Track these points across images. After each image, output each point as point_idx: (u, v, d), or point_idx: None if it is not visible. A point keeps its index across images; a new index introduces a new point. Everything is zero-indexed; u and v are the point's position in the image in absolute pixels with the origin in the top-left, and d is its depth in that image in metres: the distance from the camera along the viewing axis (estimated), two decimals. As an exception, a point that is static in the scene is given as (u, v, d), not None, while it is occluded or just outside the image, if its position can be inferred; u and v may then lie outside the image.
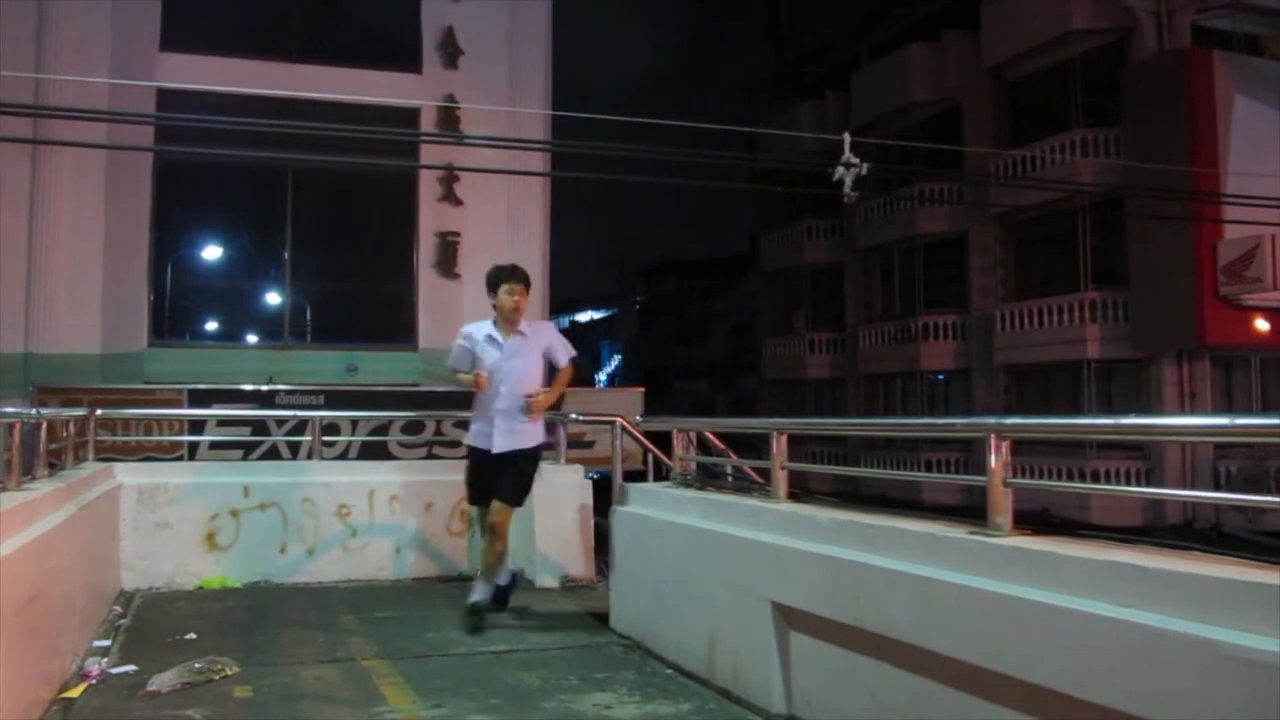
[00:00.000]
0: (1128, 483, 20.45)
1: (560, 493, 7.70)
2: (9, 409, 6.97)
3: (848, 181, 10.11)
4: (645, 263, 55.54)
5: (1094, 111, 22.47)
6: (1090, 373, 22.21)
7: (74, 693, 4.77)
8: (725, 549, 4.87)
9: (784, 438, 5.03)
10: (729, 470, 6.20)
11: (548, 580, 7.60)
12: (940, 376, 26.85)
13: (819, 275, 31.44)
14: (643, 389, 16.17)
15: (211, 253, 16.74)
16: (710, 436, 6.66)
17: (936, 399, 26.97)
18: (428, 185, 16.17)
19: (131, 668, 5.20)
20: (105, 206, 14.93)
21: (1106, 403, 22.13)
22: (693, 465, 6.01)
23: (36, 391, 12.51)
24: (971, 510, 4.24)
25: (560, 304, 45.54)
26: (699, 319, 47.42)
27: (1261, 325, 19.93)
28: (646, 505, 6.01)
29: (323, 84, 14.56)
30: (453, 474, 7.40)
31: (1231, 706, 2.42)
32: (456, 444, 11.73)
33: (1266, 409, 21.19)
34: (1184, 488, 20.46)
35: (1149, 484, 20.76)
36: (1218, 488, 19.88)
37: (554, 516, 7.68)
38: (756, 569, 4.60)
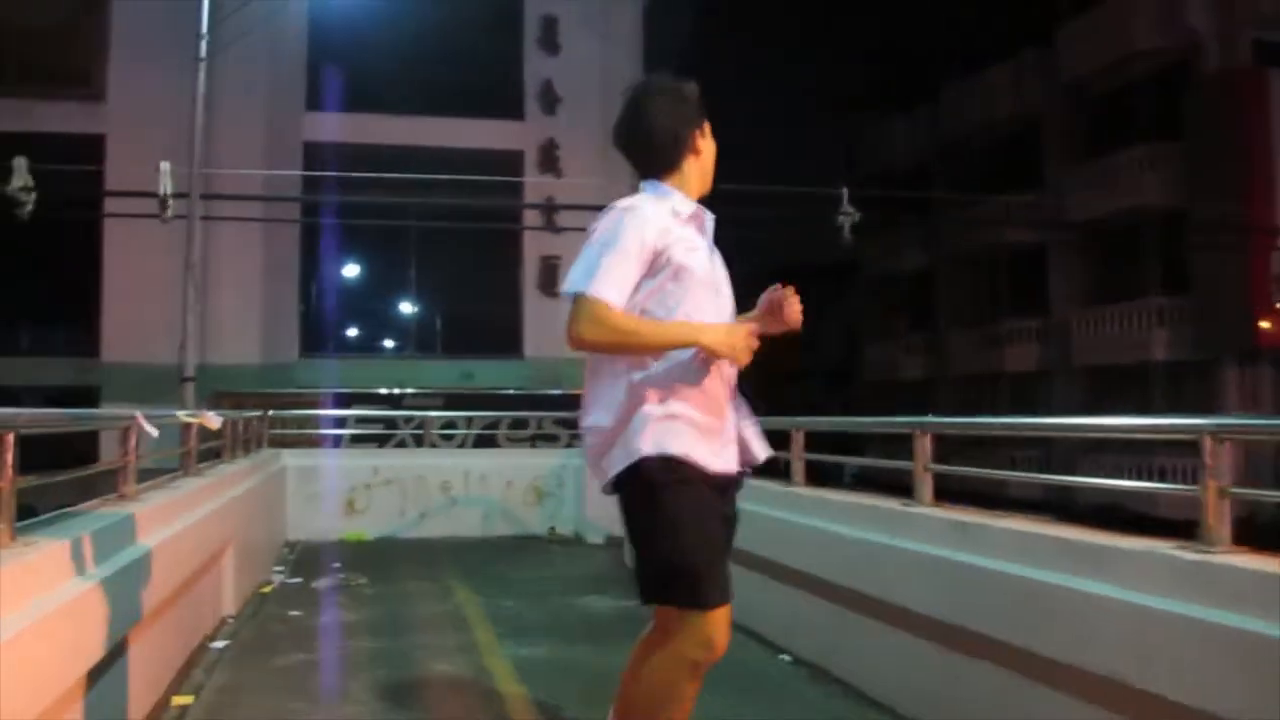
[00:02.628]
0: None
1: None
2: (223, 412, 10.03)
3: (846, 226, 12.60)
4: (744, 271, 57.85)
5: (1161, 127, 24.14)
6: (1158, 374, 23.96)
7: (266, 589, 7.74)
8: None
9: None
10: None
11: (595, 539, 10.38)
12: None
13: (913, 279, 33.52)
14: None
15: (350, 280, 20.08)
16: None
17: (1023, 398, 28.81)
18: (531, 215, 19.14)
19: (300, 579, 8.19)
20: (262, 239, 18.25)
21: (1175, 402, 23.81)
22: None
23: (213, 396, 15.82)
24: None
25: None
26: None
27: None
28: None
29: (440, 133, 17.70)
30: (526, 459, 10.25)
31: None
32: (554, 438, 14.62)
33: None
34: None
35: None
36: None
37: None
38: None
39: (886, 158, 33.30)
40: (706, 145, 3.05)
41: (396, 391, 17.28)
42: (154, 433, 4.90)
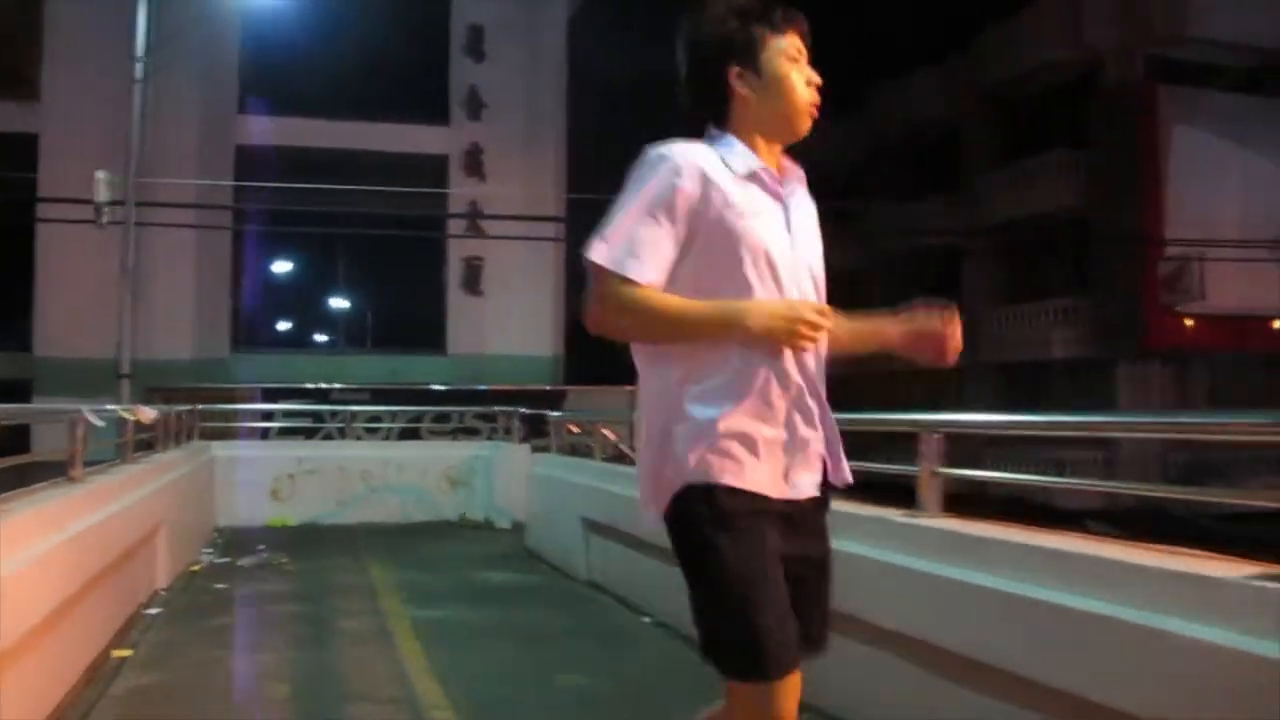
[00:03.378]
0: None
1: (514, 463, 11.45)
2: (157, 407, 10.84)
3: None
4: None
5: (1069, 136, 25.56)
6: (1060, 371, 25.42)
7: (196, 568, 8.65)
8: (559, 484, 8.61)
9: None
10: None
11: (503, 523, 11.38)
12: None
13: (842, 279, 34.72)
14: (632, 388, 19.83)
15: (280, 278, 20.88)
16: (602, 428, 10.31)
17: (937, 394, 30.15)
18: (457, 211, 20.05)
19: (227, 559, 9.10)
20: (195, 239, 18.99)
21: (1075, 400, 25.27)
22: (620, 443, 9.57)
23: (145, 391, 16.54)
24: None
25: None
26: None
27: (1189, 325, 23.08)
28: (544, 467, 9.76)
29: (368, 137, 18.56)
30: (441, 450, 11.22)
31: None
32: (475, 431, 15.51)
33: (1216, 406, 24.12)
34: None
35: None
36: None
37: (509, 480, 11.43)
38: (577, 496, 8.31)
39: (817, 160, 34.46)
40: (767, 83, 2.26)
41: (324, 386, 18.09)
42: (99, 424, 5.83)
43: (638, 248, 2.14)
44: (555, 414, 9.98)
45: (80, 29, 18.54)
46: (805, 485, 2.26)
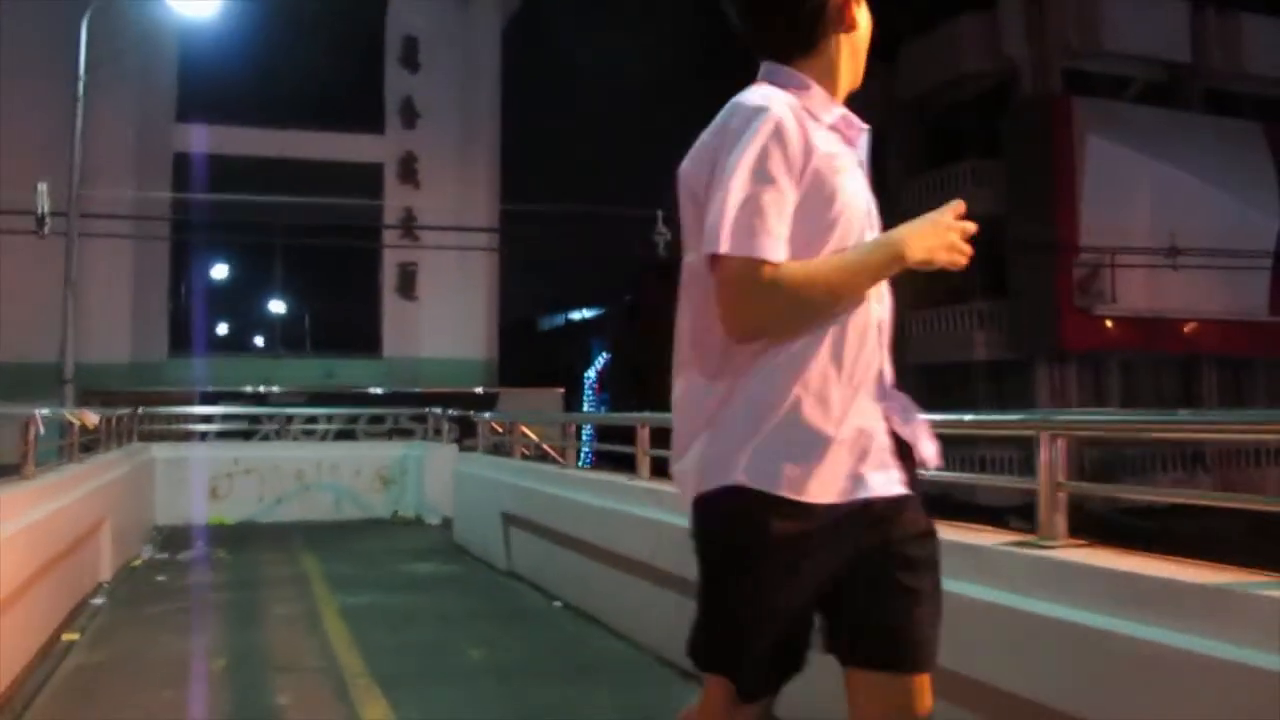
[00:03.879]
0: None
1: (442, 462, 12.07)
2: (97, 410, 11.33)
3: (661, 244, 14.47)
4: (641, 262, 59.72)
5: (987, 144, 26.60)
6: (980, 372, 26.44)
7: (136, 562, 9.19)
8: (481, 481, 9.27)
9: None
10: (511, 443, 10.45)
11: (433, 520, 12.00)
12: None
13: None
14: (562, 389, 20.55)
15: (217, 282, 21.30)
16: (524, 427, 10.99)
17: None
18: (391, 218, 20.63)
19: (166, 554, 9.65)
20: (132, 244, 19.34)
21: (998, 400, 26.30)
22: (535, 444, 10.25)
23: (83, 394, 16.91)
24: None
25: (550, 301, 50.09)
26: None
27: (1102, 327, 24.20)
28: (467, 465, 10.41)
29: (305, 145, 19.06)
30: (373, 450, 11.82)
31: None
32: (410, 432, 16.05)
33: (1130, 405, 25.24)
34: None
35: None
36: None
37: (438, 478, 12.05)
38: (497, 493, 8.97)
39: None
40: (862, 17, 2.10)
41: (262, 389, 18.56)
42: (42, 429, 6.41)
43: (763, 223, 1.83)
44: (481, 415, 10.62)
45: (20, 39, 18.82)
46: (879, 483, 1.94)
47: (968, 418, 4.60)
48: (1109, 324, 24.42)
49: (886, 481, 1.96)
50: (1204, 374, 26.42)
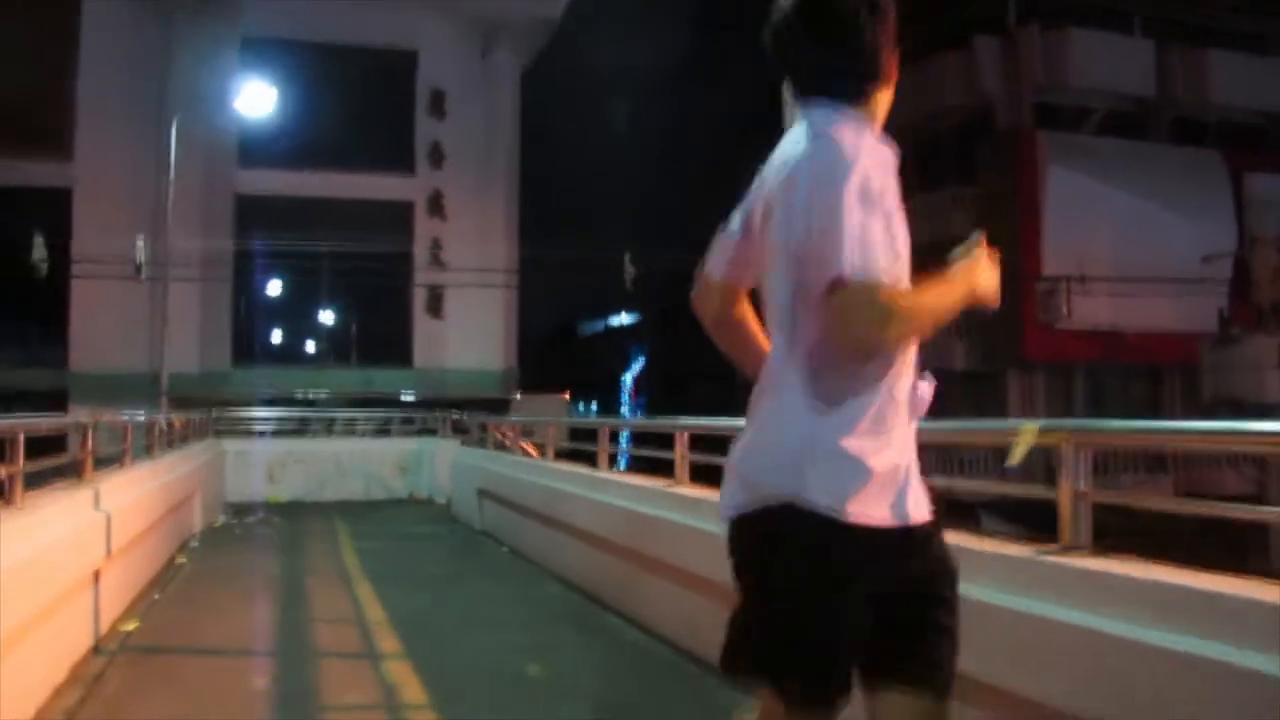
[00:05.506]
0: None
1: (447, 454, 15.75)
2: (189, 413, 15.05)
3: (628, 278, 18.02)
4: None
5: (967, 172, 29.84)
6: (958, 381, 29.71)
7: (217, 523, 12.99)
8: (469, 467, 12.97)
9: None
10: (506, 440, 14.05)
11: (440, 499, 15.70)
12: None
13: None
14: (566, 394, 24.24)
15: (273, 303, 25.33)
16: (508, 429, 14.65)
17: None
18: (420, 251, 24.48)
19: (237, 520, 13.46)
20: (202, 271, 23.32)
21: (975, 406, 29.53)
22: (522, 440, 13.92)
23: (173, 401, 20.80)
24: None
25: (588, 309, 53.84)
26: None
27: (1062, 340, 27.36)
28: (461, 455, 14.12)
29: (348, 185, 22.97)
30: (395, 444, 15.62)
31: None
32: (434, 431, 19.75)
33: (1097, 412, 28.35)
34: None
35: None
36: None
37: (444, 465, 15.73)
38: (476, 475, 12.65)
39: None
40: (896, 74, 2.27)
41: (310, 394, 22.46)
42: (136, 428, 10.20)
43: (874, 251, 1.99)
44: (474, 417, 14.38)
45: (110, 96, 22.92)
46: (921, 507, 2.08)
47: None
48: (1070, 337, 27.59)
49: (920, 507, 2.07)
50: (1168, 383, 29.43)
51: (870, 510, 1.99)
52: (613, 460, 9.29)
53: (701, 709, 4.89)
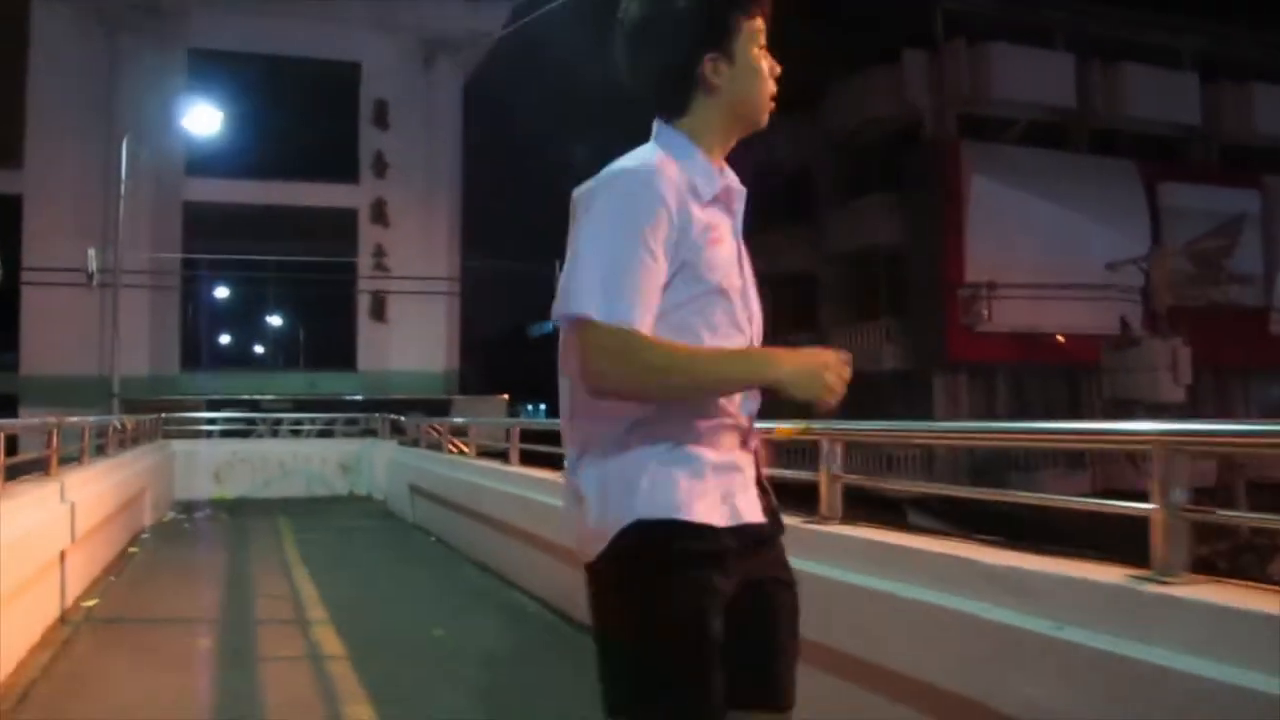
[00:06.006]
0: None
1: (383, 454, 16.77)
2: (140, 416, 15.95)
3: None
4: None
5: (896, 180, 31.20)
6: (888, 381, 31.09)
7: (166, 519, 13.98)
8: (402, 465, 14.04)
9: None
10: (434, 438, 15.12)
11: (378, 496, 16.72)
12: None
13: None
14: (506, 396, 25.29)
15: (220, 307, 26.22)
16: (440, 428, 15.70)
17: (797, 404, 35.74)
18: (364, 258, 25.48)
19: (185, 515, 14.45)
20: (151, 277, 24.17)
21: (904, 404, 30.91)
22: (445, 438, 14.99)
23: (124, 403, 21.63)
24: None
25: (538, 312, 54.80)
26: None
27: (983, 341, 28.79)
28: (396, 454, 15.18)
29: (293, 193, 23.92)
30: (337, 445, 16.64)
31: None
32: (374, 433, 20.78)
33: (1015, 413, 29.78)
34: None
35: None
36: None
37: (381, 465, 16.74)
38: (409, 472, 13.72)
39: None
40: (739, 72, 2.07)
41: (256, 398, 23.36)
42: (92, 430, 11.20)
43: (625, 288, 1.86)
44: (416, 419, 15.46)
45: (59, 104, 23.75)
46: (751, 510, 2.03)
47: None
48: (992, 339, 29.02)
49: (755, 509, 2.03)
50: (1085, 383, 30.93)
51: (703, 510, 1.94)
52: (532, 456, 10.15)
53: (565, 656, 6.02)
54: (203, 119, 21.82)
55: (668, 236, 1.92)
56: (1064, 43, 31.81)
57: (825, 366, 2.03)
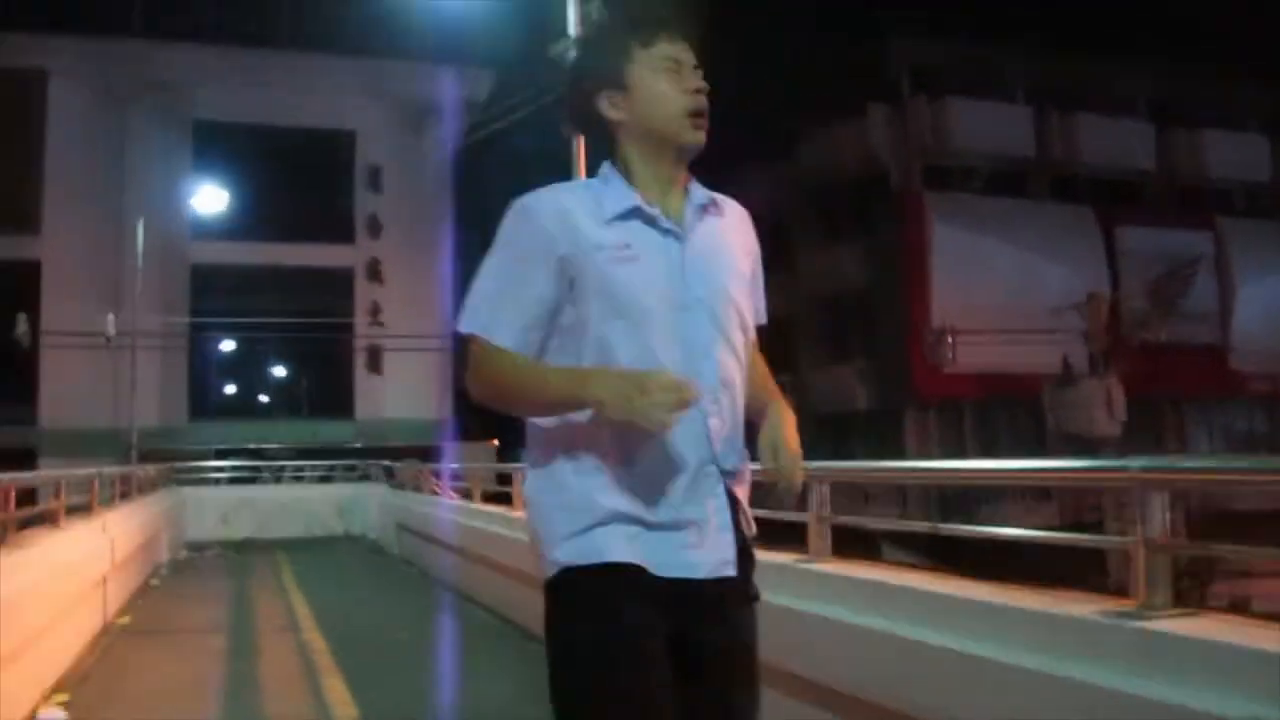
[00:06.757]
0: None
1: (375, 497, 18.60)
2: (152, 466, 17.76)
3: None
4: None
5: (865, 229, 33.10)
6: (862, 420, 32.88)
7: (180, 556, 15.83)
8: (391, 506, 15.90)
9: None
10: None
11: (371, 534, 18.54)
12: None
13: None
14: (495, 442, 27.11)
15: (226, 362, 28.22)
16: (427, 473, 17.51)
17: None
18: (361, 313, 27.48)
19: (196, 553, 16.30)
20: (161, 336, 26.11)
21: (876, 441, 32.66)
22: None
23: (141, 454, 23.41)
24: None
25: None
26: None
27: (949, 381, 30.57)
28: (386, 496, 17.04)
29: (293, 254, 25.93)
30: (335, 489, 18.52)
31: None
32: (370, 478, 22.62)
33: (982, 445, 31.49)
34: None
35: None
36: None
37: (374, 507, 18.57)
38: (397, 512, 15.56)
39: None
40: (638, 99, 2.09)
41: (260, 446, 25.25)
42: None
43: (496, 308, 2.00)
44: (411, 465, 17.37)
45: (76, 175, 25.85)
46: (703, 564, 1.99)
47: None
48: (956, 378, 30.81)
49: (713, 564, 2.00)
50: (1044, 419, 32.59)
51: (624, 554, 1.95)
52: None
53: (501, 650, 7.85)
54: (210, 199, 24.00)
55: (545, 259, 1.99)
56: (1024, 94, 33.70)
57: (642, 390, 1.86)
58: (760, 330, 2.28)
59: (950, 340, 30.25)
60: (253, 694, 6.62)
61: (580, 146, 9.54)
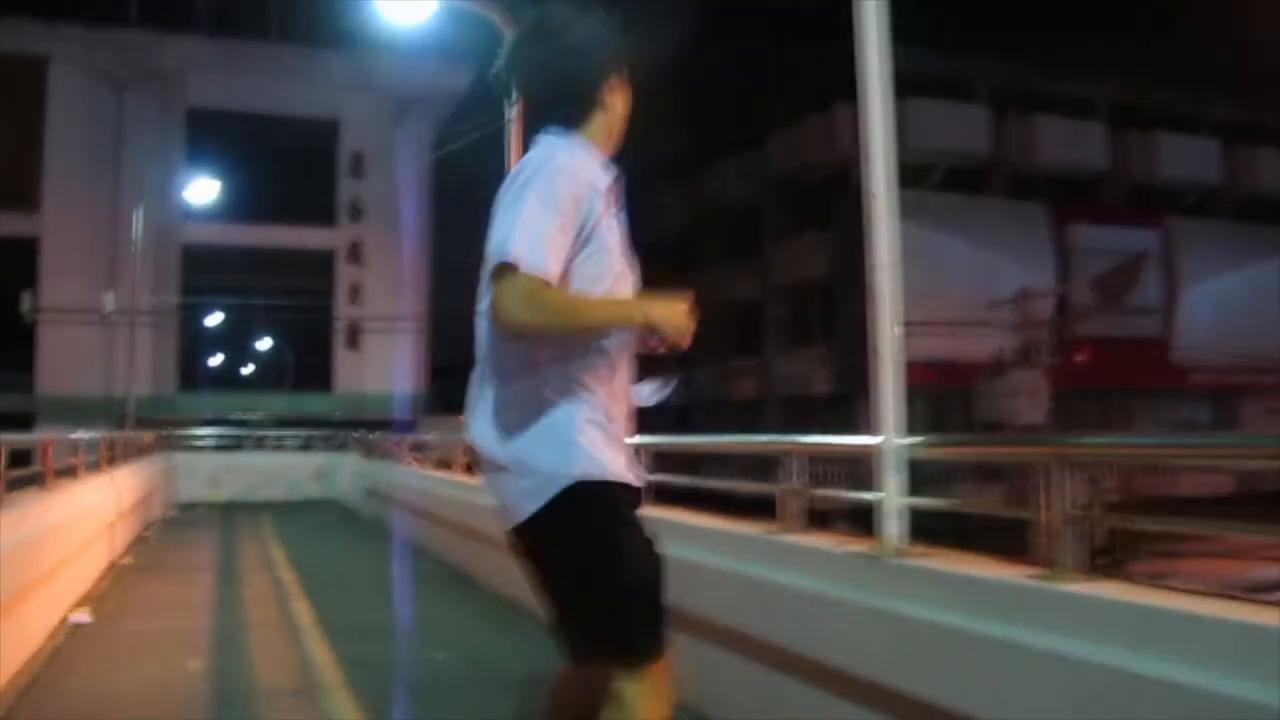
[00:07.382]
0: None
1: (347, 465, 20.45)
2: (145, 432, 19.55)
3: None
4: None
5: (829, 219, 34.90)
6: (822, 402, 34.78)
7: (170, 514, 17.68)
8: (362, 473, 17.78)
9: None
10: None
11: (344, 498, 20.39)
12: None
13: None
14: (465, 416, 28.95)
15: (214, 336, 30.05)
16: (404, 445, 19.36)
17: (746, 419, 39.40)
18: (341, 290, 29.29)
19: (184, 514, 18.16)
20: (153, 311, 27.93)
21: (836, 422, 34.53)
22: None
23: (136, 420, 25.19)
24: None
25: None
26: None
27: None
28: (359, 464, 18.91)
29: (278, 236, 27.74)
30: (313, 457, 20.40)
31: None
32: (344, 447, 24.48)
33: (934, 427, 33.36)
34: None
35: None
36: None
37: (347, 475, 20.42)
38: (366, 479, 17.42)
39: (658, 229, 43.78)
40: (620, 100, 2.67)
41: (245, 417, 27.09)
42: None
43: (545, 245, 2.31)
44: (387, 436, 19.23)
45: (74, 156, 27.60)
46: (640, 476, 2.58)
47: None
48: (911, 365, 32.64)
49: (640, 473, 2.59)
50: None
51: (625, 472, 2.50)
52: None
53: (447, 591, 9.73)
54: (201, 183, 25.82)
55: (578, 211, 2.41)
56: (985, 94, 35.42)
57: (683, 312, 2.45)
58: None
59: (898, 330, 32.15)
60: (236, 608, 8.50)
61: (518, 114, 10.64)
